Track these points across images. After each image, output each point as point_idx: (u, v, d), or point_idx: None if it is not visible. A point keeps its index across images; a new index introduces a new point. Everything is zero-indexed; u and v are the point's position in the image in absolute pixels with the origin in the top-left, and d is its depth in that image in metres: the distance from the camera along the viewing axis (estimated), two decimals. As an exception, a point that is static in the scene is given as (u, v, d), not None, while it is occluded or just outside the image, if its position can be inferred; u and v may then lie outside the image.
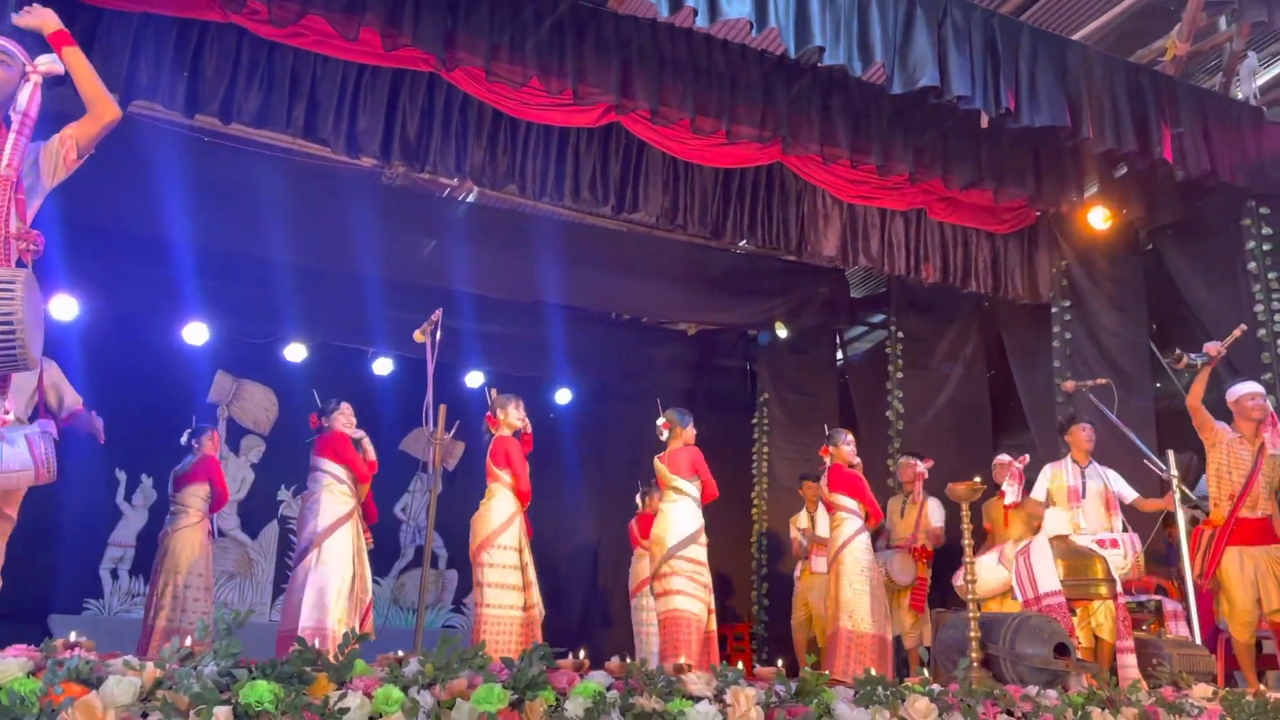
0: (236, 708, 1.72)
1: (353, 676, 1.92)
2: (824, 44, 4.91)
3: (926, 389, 8.52)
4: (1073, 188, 6.66)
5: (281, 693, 1.76)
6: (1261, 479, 5.26)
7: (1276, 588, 5.01)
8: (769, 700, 2.20)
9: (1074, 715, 2.52)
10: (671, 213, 6.76)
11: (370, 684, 1.91)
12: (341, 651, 1.94)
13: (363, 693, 1.87)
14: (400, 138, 5.93)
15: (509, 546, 5.18)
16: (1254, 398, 5.37)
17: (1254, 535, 5.15)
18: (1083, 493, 5.46)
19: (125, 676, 1.74)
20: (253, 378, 9.33)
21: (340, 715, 1.79)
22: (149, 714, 1.71)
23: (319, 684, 1.86)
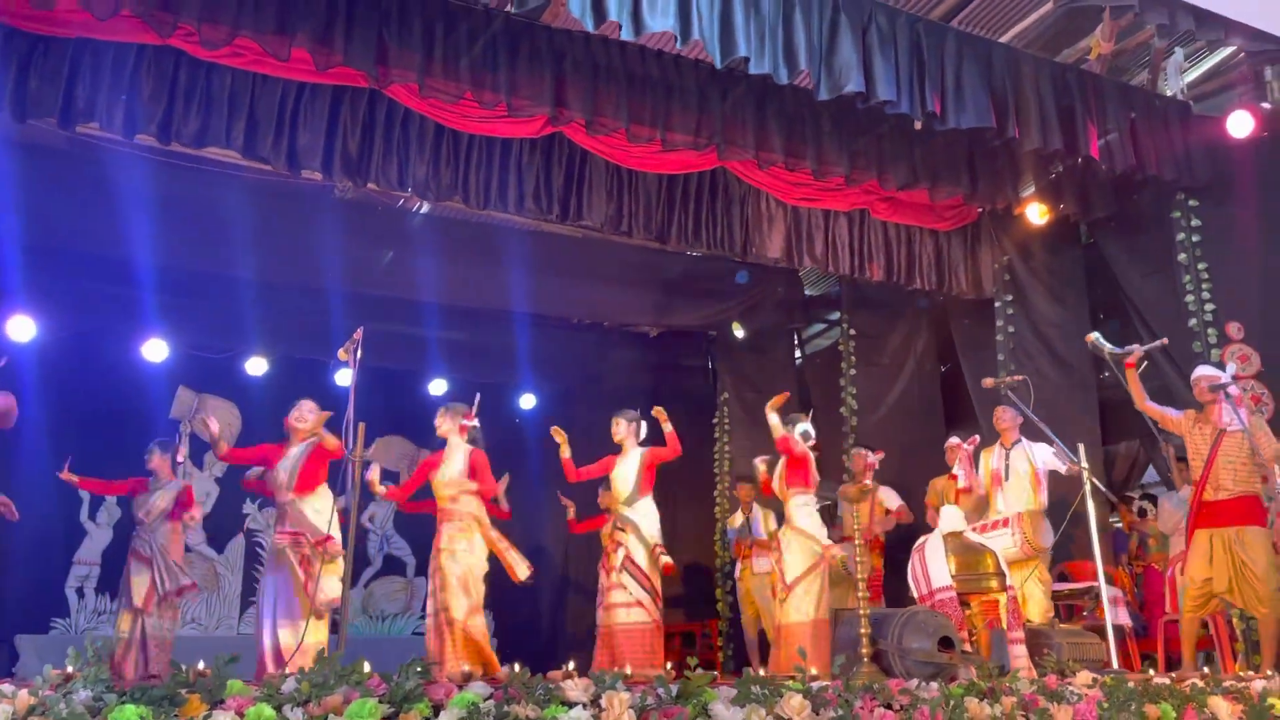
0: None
1: (227, 696, 2.00)
2: (749, 54, 5.01)
3: (879, 384, 8.65)
4: (1008, 185, 6.78)
5: (150, 715, 1.84)
6: (1221, 459, 5.26)
7: (1228, 568, 5.07)
8: (644, 703, 2.29)
9: (950, 706, 2.62)
10: (616, 219, 6.85)
11: (244, 703, 1.99)
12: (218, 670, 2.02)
13: (234, 712, 1.96)
14: (342, 153, 6.00)
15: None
16: (1204, 380, 5.45)
17: (1220, 517, 5.17)
18: (1005, 474, 5.58)
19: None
20: (214, 392, 9.38)
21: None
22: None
23: (190, 705, 1.95)
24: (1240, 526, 5.15)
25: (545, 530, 10.03)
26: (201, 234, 7.33)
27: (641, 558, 5.66)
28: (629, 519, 5.78)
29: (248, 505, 9.44)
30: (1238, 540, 5.12)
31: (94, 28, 5.08)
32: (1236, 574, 5.08)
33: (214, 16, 4.92)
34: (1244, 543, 5.12)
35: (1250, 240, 6.28)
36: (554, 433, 6.13)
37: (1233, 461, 5.27)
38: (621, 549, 5.63)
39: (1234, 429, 5.27)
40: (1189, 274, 6.45)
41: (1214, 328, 6.31)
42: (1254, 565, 5.07)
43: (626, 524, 5.76)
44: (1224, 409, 5.33)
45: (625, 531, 5.71)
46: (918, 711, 2.56)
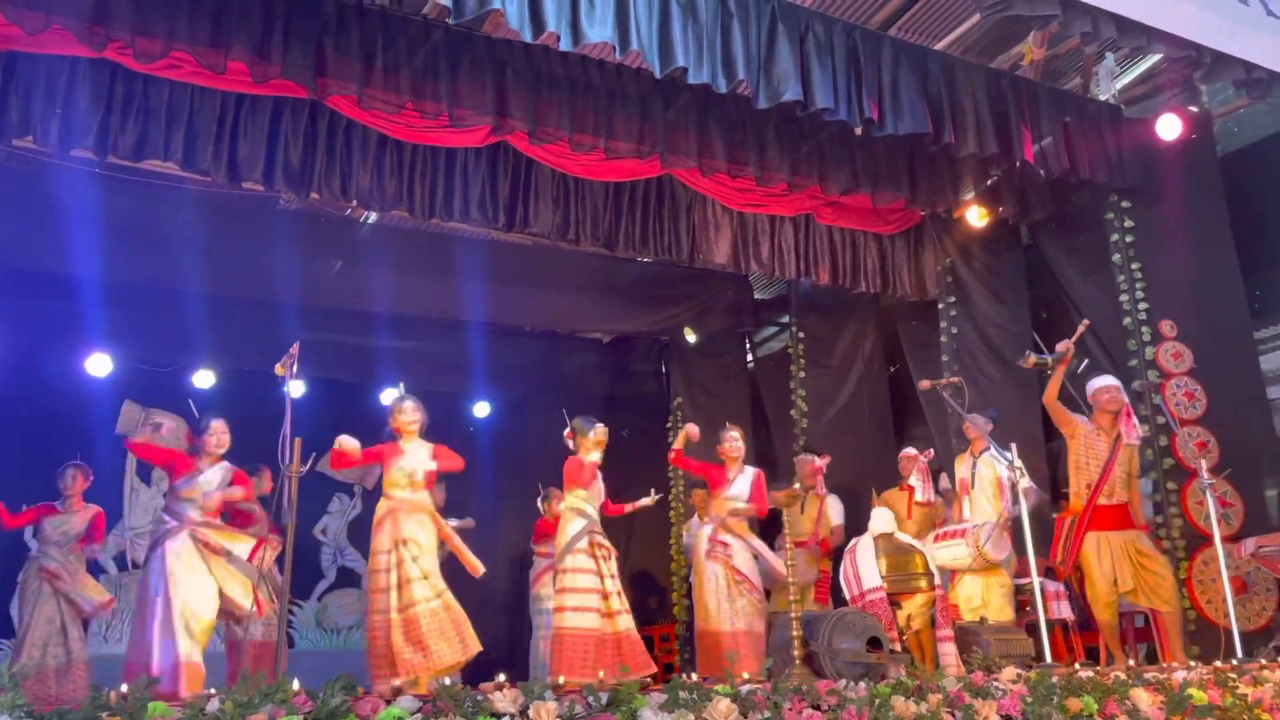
0: (20, 757, 1.79)
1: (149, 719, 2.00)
2: (687, 64, 5.05)
3: (828, 387, 8.74)
4: (948, 189, 6.89)
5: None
6: (1118, 468, 5.53)
7: (1130, 569, 5.29)
8: (572, 712, 2.32)
9: (875, 705, 2.68)
10: (564, 227, 6.86)
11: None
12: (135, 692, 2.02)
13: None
14: (284, 164, 5.96)
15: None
16: (1108, 391, 5.65)
17: (1111, 521, 5.42)
18: (973, 482, 5.69)
19: (-90, 732, 1.81)
20: (161, 406, 9.27)
21: (126, 757, 1.88)
22: (-69, 768, 1.78)
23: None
24: (1131, 530, 5.47)
25: (501, 536, 10.01)
26: (146, 247, 7.25)
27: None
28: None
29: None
30: (1135, 542, 5.37)
31: (24, 41, 5.01)
32: (1138, 574, 5.33)
33: (148, 29, 4.86)
34: (1139, 544, 5.42)
35: (1181, 240, 6.45)
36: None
37: (1125, 470, 5.59)
38: (614, 557, 5.61)
39: (1133, 442, 5.52)
40: (1123, 274, 6.60)
41: (1148, 326, 6.47)
42: (1153, 564, 5.37)
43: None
44: (1130, 421, 5.58)
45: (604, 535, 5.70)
46: (845, 711, 2.61)
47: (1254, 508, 6.13)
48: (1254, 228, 6.59)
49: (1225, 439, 6.05)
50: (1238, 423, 6.21)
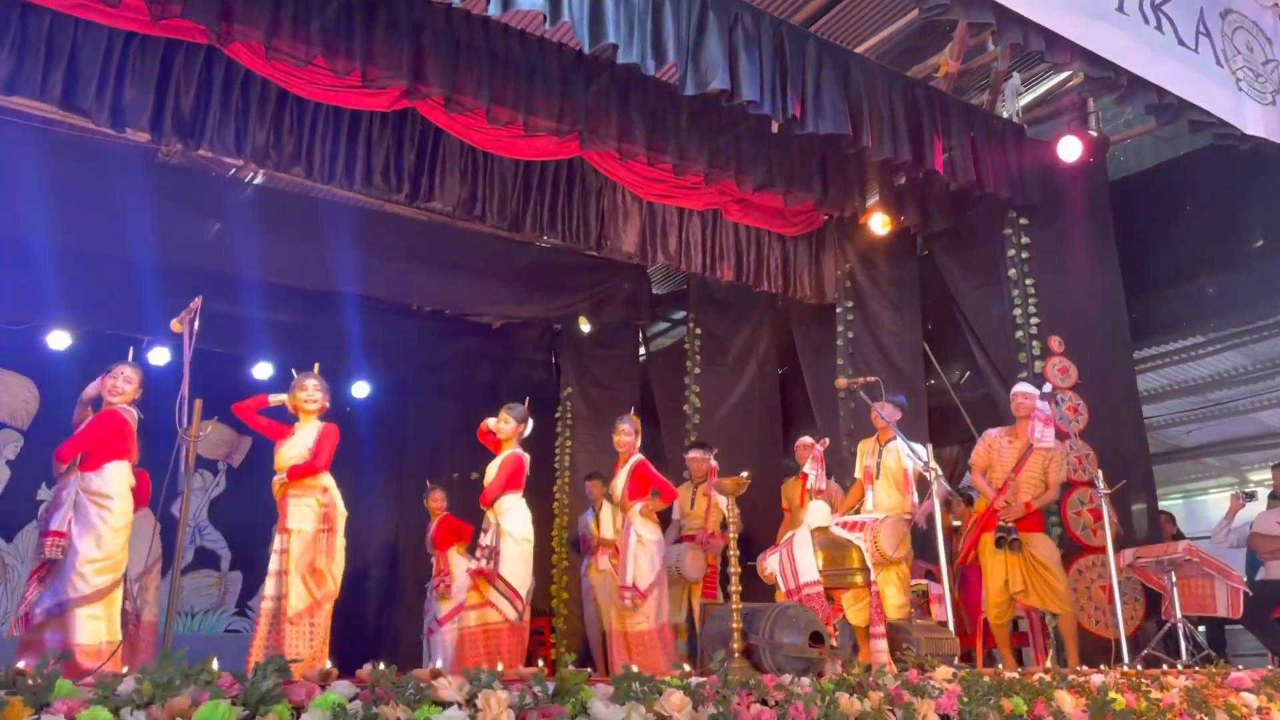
0: (-97, 743, 1.53)
1: (55, 699, 1.75)
2: (617, 41, 4.90)
3: (722, 384, 8.75)
4: (856, 194, 6.98)
5: (-40, 723, 1.58)
6: (1025, 472, 5.66)
7: (1022, 572, 5.44)
8: (523, 702, 2.17)
9: (823, 701, 2.62)
10: (469, 203, 6.64)
11: (75, 706, 1.75)
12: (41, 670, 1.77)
13: (64, 716, 1.71)
14: (173, 112, 5.56)
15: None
16: (1021, 396, 5.82)
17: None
18: (877, 471, 5.71)
19: None
20: (9, 367, 8.56)
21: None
22: None
23: (12, 708, 1.69)
24: (1030, 533, 5.58)
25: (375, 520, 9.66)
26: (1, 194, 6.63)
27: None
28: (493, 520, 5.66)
29: (43, 491, 8.63)
30: (1030, 545, 5.52)
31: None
32: (1032, 577, 5.49)
33: (33, -51, 4.43)
34: (1035, 548, 5.55)
35: (1074, 259, 6.69)
36: None
37: (1034, 476, 5.71)
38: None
39: (1045, 447, 5.66)
40: (1017, 289, 6.81)
41: (1038, 340, 6.69)
42: (1048, 568, 5.51)
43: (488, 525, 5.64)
44: (1035, 425, 5.70)
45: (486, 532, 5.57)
46: (792, 706, 2.54)
47: (1123, 521, 6.40)
48: (1136, 252, 6.91)
49: (1102, 453, 6.29)
50: (1114, 438, 6.48)
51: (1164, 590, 5.75)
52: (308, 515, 5.16)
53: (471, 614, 5.51)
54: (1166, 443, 10.12)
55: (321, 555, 5.04)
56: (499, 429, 5.77)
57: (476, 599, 5.50)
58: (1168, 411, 9.69)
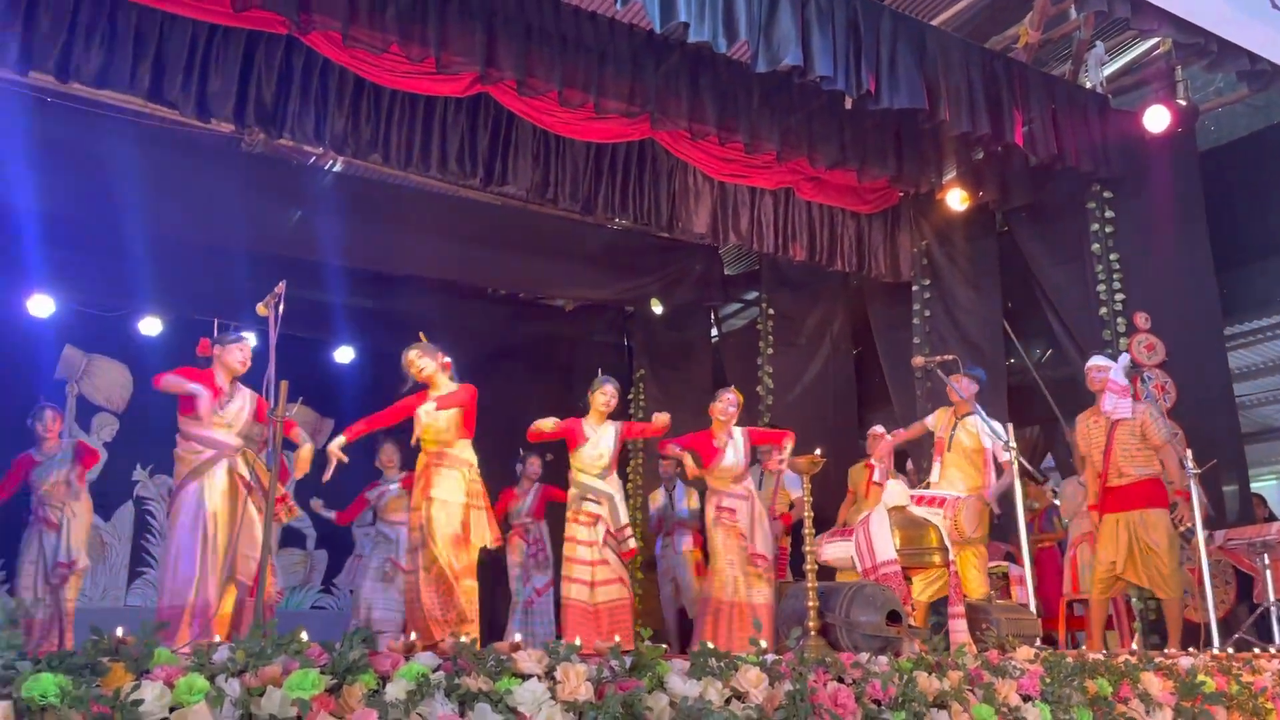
0: (18, 703, 1.62)
1: (154, 665, 1.83)
2: (689, 20, 4.89)
3: (795, 365, 8.70)
4: (932, 170, 6.86)
5: (69, 685, 1.67)
6: (1118, 446, 5.45)
7: (1131, 550, 5.24)
8: (601, 676, 2.20)
9: (901, 680, 2.61)
10: (542, 187, 6.68)
11: (174, 673, 1.83)
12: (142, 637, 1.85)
13: (163, 682, 1.79)
14: (255, 102, 5.70)
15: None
16: (1092, 370, 5.64)
17: (1123, 502, 5.36)
18: (948, 445, 5.58)
19: (-108, 674, 1.62)
20: (104, 353, 8.90)
21: (134, 707, 1.71)
22: (-83, 713, 1.60)
23: (114, 674, 1.78)
24: (1142, 509, 5.35)
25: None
26: (90, 183, 6.87)
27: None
28: (607, 492, 5.59)
29: (137, 472, 8.98)
30: (1140, 522, 5.31)
31: (-15, -50, 4.69)
32: (1140, 555, 5.28)
33: (122, -55, 4.58)
34: (1146, 524, 5.32)
35: (1160, 233, 6.48)
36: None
37: (1128, 448, 5.47)
38: (601, 523, 5.45)
39: (1121, 417, 5.47)
40: (1101, 264, 6.63)
41: (1123, 317, 6.51)
42: (1156, 546, 5.27)
43: (602, 497, 5.56)
44: (1107, 398, 5.53)
45: (601, 504, 5.52)
46: (869, 685, 2.53)
47: (1213, 502, 6.20)
48: (1226, 225, 6.66)
49: (1191, 433, 6.10)
50: (1204, 417, 6.27)
51: (1256, 573, 5.56)
52: (455, 487, 5.03)
53: (601, 589, 5.43)
54: (1258, 422, 9.77)
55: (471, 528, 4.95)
56: (609, 405, 5.74)
57: (609, 574, 5.46)
58: (1260, 389, 9.34)
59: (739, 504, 5.71)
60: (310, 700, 1.87)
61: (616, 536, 5.54)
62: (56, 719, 1.63)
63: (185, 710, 1.77)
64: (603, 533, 5.40)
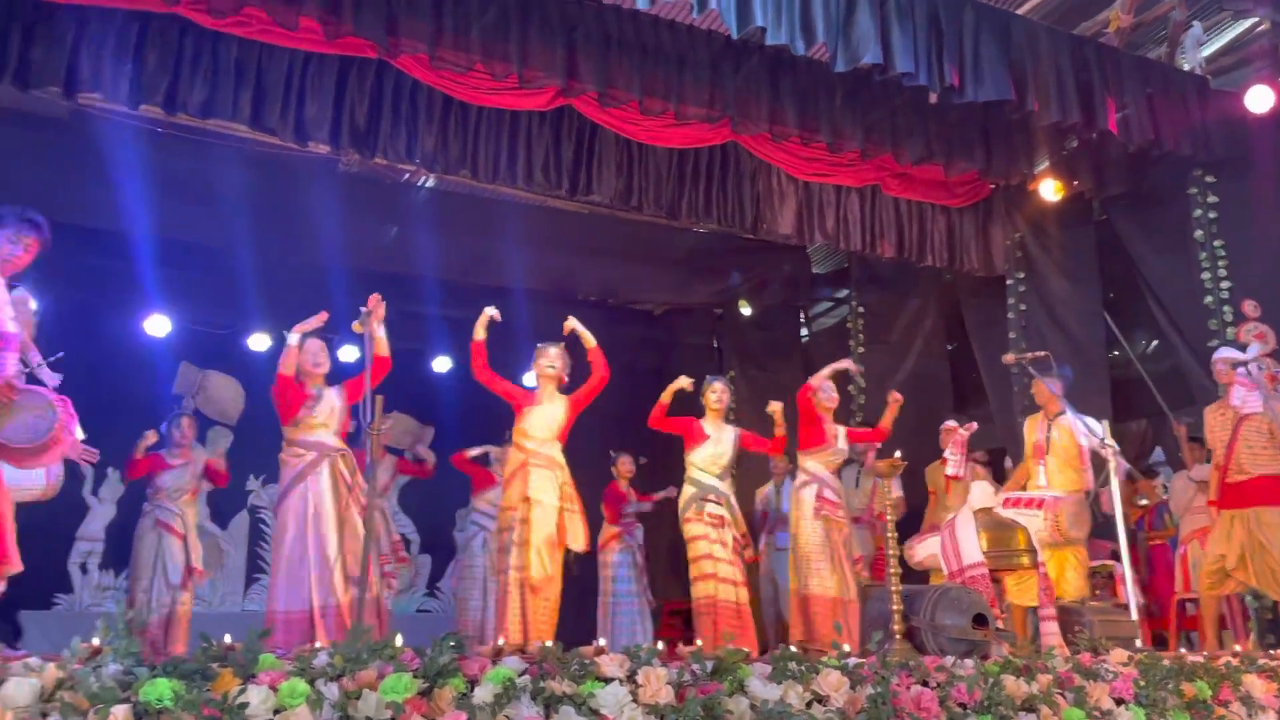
0: (136, 706, 1.75)
1: (259, 670, 1.96)
2: (765, 24, 4.92)
3: (887, 363, 8.60)
4: (1023, 160, 6.72)
5: (182, 689, 1.80)
6: (1241, 442, 5.27)
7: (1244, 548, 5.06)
8: (681, 679, 2.25)
9: (987, 683, 2.59)
10: (626, 194, 6.77)
11: (277, 678, 1.95)
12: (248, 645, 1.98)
13: (268, 686, 1.92)
14: (349, 124, 5.92)
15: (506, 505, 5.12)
16: (1219, 363, 5.46)
17: (1241, 499, 5.19)
18: (1046, 447, 5.46)
19: (26, 678, 1.78)
20: (218, 368, 9.32)
21: (241, 710, 1.83)
22: (49, 714, 1.75)
23: (223, 679, 1.90)
24: (1260, 507, 5.16)
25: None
26: (204, 208, 7.26)
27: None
28: (725, 494, 5.59)
29: (251, 481, 9.39)
30: (1256, 520, 5.13)
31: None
32: (1252, 554, 5.09)
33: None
34: (1261, 523, 5.14)
35: (1267, 216, 6.22)
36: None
37: (1252, 445, 5.28)
38: (728, 526, 5.45)
39: (1250, 411, 5.26)
40: (1205, 251, 6.39)
41: (1230, 305, 6.26)
42: (1270, 545, 5.08)
43: (722, 498, 5.57)
44: (1236, 391, 5.32)
45: (722, 506, 5.53)
46: (954, 689, 2.52)
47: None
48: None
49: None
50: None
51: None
52: (550, 488, 5.10)
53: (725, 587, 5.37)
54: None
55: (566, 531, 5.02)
56: (721, 401, 5.80)
57: (735, 575, 5.42)
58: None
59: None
60: (404, 703, 1.97)
61: (740, 542, 5.55)
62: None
63: (288, 713, 1.89)
64: (731, 537, 5.38)
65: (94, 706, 1.73)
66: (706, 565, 5.37)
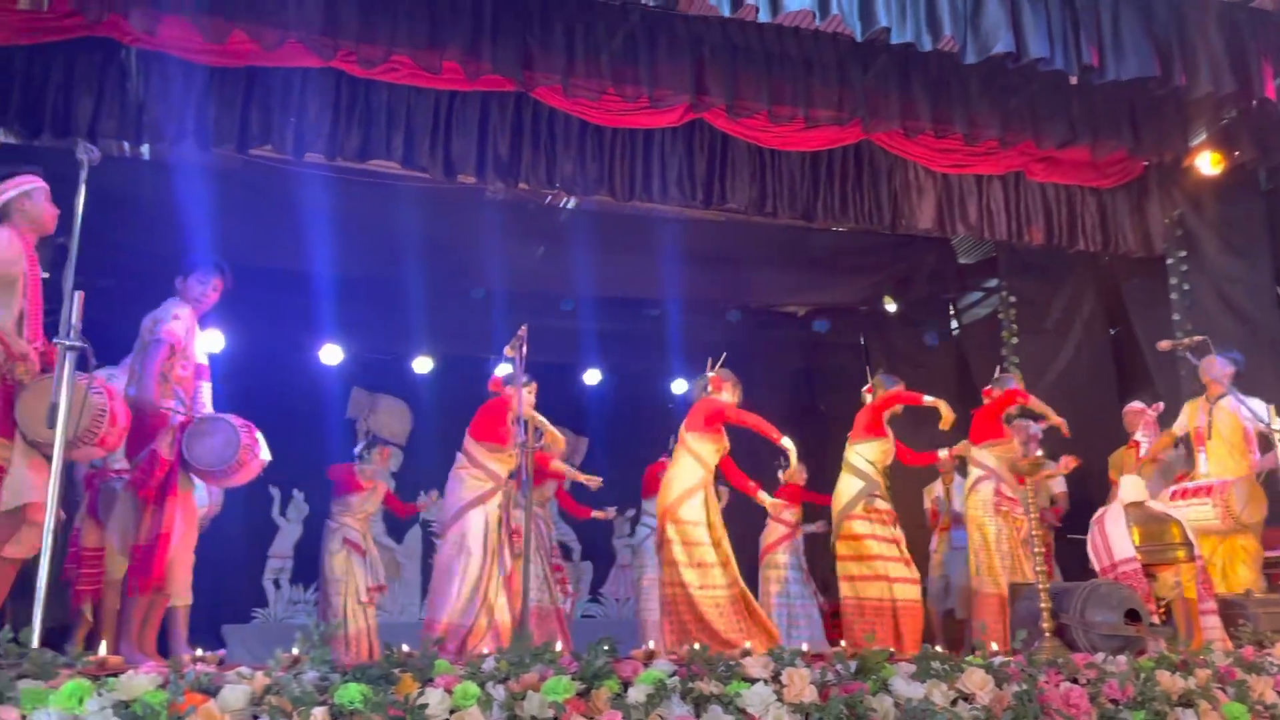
0: (333, 709, 1.98)
1: (435, 675, 2.16)
2: (890, 24, 4.92)
3: (1045, 352, 8.32)
4: (1177, 135, 6.42)
5: (370, 693, 2.02)
6: None
7: None
8: (824, 679, 2.34)
9: (1140, 679, 2.55)
10: (760, 201, 6.83)
11: (451, 681, 2.15)
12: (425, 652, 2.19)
13: (443, 689, 2.12)
14: (494, 156, 6.21)
15: (690, 521, 5.12)
16: None
17: None
18: (1209, 432, 5.23)
19: (239, 685, 2.04)
20: (386, 391, 9.90)
21: (421, 710, 2.04)
22: (260, 717, 2.00)
23: (404, 683, 2.12)
24: None
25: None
26: (369, 243, 7.75)
27: None
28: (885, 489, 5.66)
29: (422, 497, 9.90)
30: None
31: (262, 56, 5.43)
32: None
33: (371, 37, 5.19)
34: None
35: None
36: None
37: None
38: (896, 523, 5.49)
39: None
40: (1386, 216, 5.96)
41: None
42: None
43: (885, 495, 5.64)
44: None
45: (888, 502, 5.58)
46: (1105, 685, 2.51)
47: None
48: None
49: None
50: None
51: None
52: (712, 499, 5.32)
53: (900, 587, 5.42)
54: None
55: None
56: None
57: (907, 573, 5.46)
58: None
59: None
60: (564, 703, 2.14)
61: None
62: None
63: (462, 713, 2.10)
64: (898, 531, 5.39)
65: (297, 709, 1.98)
66: (877, 566, 5.36)
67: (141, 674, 2.06)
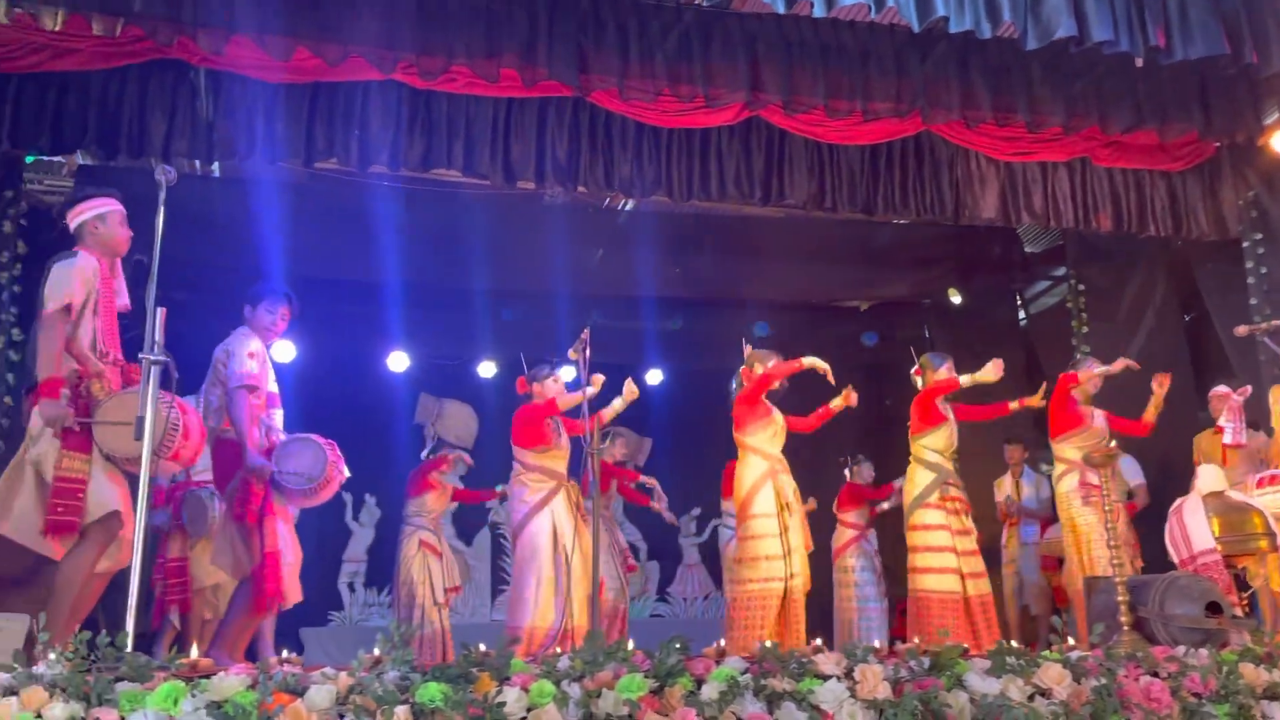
0: (414, 707, 2.04)
1: (512, 674, 2.21)
2: (947, 13, 4.87)
3: (1116, 340, 8.12)
4: (1250, 115, 6.22)
5: (450, 692, 2.07)
6: None
7: None
8: (898, 676, 2.33)
9: (1222, 672, 2.50)
10: (819, 196, 6.78)
11: (527, 680, 2.19)
12: (502, 651, 2.23)
13: (520, 687, 2.16)
14: (552, 161, 6.27)
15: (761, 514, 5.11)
16: None
17: None
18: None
19: (324, 685, 2.10)
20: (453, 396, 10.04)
21: (500, 708, 2.09)
22: (345, 716, 2.06)
23: (482, 682, 2.16)
24: None
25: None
26: (434, 251, 7.92)
27: None
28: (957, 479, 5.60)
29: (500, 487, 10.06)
30: None
31: (326, 72, 5.56)
32: None
33: (430, 49, 5.28)
34: None
35: None
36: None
37: None
38: (969, 513, 5.45)
39: None
40: None
41: None
42: None
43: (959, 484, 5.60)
44: None
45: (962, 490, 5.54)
46: (1187, 679, 2.46)
47: None
48: None
49: None
50: None
51: None
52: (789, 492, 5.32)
53: (972, 582, 5.36)
54: None
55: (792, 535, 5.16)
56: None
57: (979, 566, 5.41)
58: None
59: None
60: (638, 700, 2.17)
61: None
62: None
63: (539, 710, 2.14)
64: (970, 522, 5.32)
65: (380, 708, 2.04)
66: (949, 558, 5.30)
67: (232, 675, 2.14)
